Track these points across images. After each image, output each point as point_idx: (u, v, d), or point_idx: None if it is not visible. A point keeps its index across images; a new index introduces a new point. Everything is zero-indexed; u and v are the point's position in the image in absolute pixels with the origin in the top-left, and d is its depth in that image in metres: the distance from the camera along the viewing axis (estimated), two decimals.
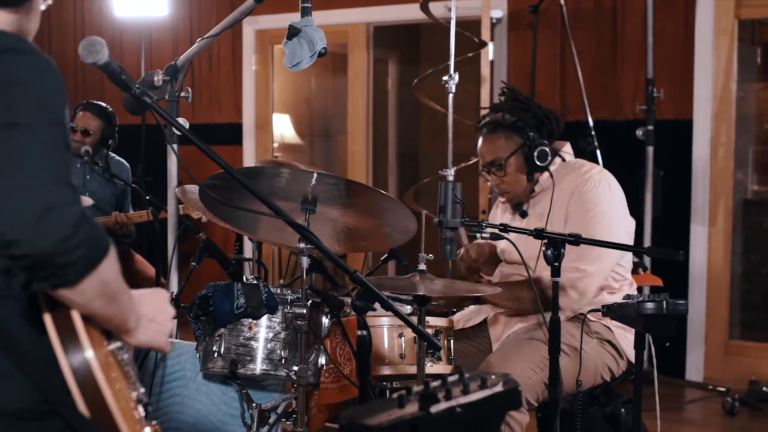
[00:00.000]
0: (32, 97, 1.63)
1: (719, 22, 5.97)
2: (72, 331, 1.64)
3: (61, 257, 1.53)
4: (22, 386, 1.69)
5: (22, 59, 1.68)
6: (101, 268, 1.59)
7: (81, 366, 1.63)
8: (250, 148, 7.63)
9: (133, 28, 7.47)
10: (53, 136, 1.62)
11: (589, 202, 3.46)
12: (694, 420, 5.51)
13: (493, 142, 3.66)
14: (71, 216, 1.54)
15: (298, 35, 3.16)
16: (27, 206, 1.52)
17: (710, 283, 6.09)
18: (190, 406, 3.29)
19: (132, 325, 1.79)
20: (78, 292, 1.59)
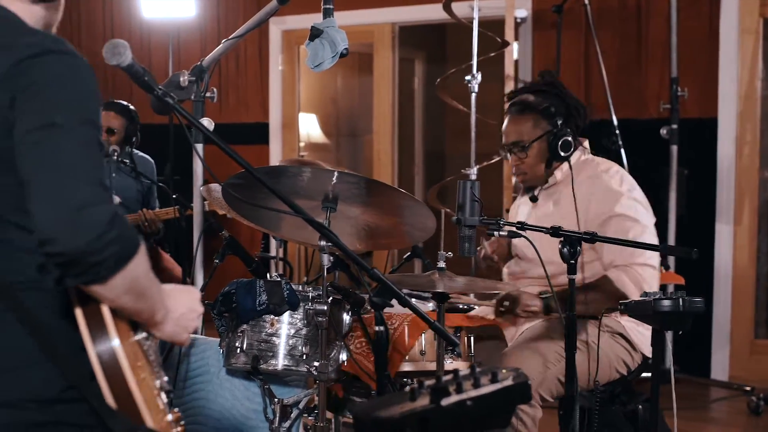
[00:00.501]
0: (69, 98, 1.70)
1: (744, 21, 5.96)
2: (101, 322, 1.70)
3: (93, 255, 1.58)
4: (49, 374, 1.76)
5: (60, 59, 1.74)
6: (131, 265, 1.65)
7: (107, 355, 1.69)
8: (276, 147, 7.69)
9: (161, 29, 7.54)
10: (88, 136, 1.69)
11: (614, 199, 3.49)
12: (719, 419, 5.52)
13: (520, 124, 3.67)
14: (104, 215, 1.60)
15: (320, 36, 3.20)
16: (62, 206, 1.59)
17: (735, 282, 6.08)
18: (213, 401, 3.33)
19: (159, 319, 1.85)
20: (109, 288, 1.65)
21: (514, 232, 2.91)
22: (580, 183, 3.55)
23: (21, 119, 1.68)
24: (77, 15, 8.37)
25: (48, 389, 1.77)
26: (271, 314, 3.00)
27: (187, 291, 1.96)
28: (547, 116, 3.62)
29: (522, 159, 3.66)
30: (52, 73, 1.71)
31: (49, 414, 1.78)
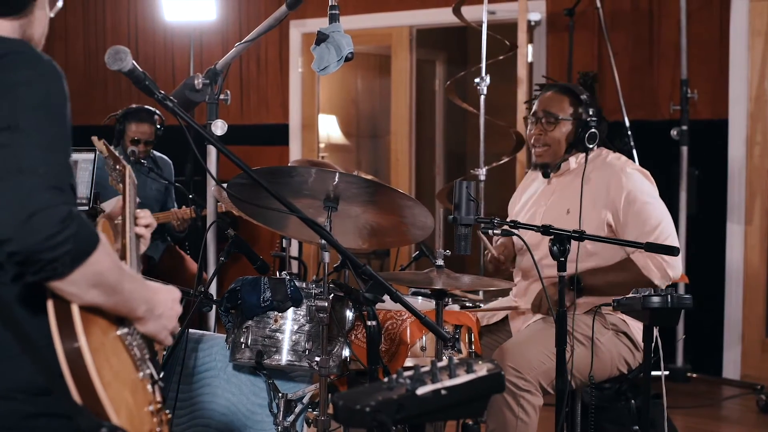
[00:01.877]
0: (33, 100, 1.75)
1: (754, 23, 6.00)
2: (68, 319, 1.75)
3: (47, 253, 1.66)
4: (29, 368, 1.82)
5: (23, 62, 1.79)
6: (91, 260, 1.71)
7: (73, 353, 1.73)
8: (296, 148, 7.79)
9: (183, 32, 7.63)
10: (52, 138, 1.75)
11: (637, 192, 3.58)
12: (730, 417, 5.57)
13: (558, 100, 3.76)
14: (57, 215, 1.67)
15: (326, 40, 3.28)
16: (18, 210, 1.66)
17: (747, 282, 6.12)
18: (220, 395, 3.42)
19: (141, 314, 1.90)
20: (69, 283, 1.71)
21: (508, 231, 3.00)
22: (593, 170, 3.66)
23: None
24: (102, 19, 8.52)
25: (37, 379, 1.82)
26: (275, 311, 3.08)
27: (168, 290, 2.00)
28: (584, 104, 3.71)
29: (549, 131, 3.74)
30: (15, 76, 1.76)
31: (39, 405, 1.84)
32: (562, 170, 3.77)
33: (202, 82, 3.48)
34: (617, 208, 3.56)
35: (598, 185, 3.62)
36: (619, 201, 3.56)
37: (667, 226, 3.56)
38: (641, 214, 3.53)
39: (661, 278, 3.49)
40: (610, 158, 3.72)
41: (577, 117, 3.71)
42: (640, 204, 3.56)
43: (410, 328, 3.25)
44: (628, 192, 3.57)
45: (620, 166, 3.65)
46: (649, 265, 3.49)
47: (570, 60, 6.17)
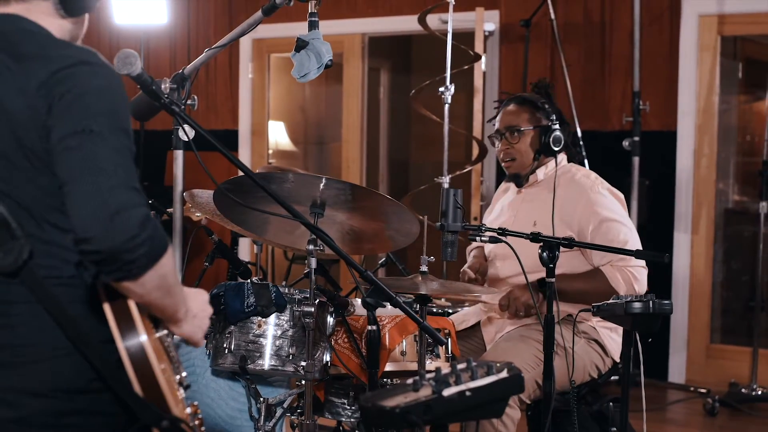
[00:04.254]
0: (103, 107, 1.81)
1: (703, 38, 6.17)
2: (129, 318, 1.81)
3: (127, 254, 1.70)
4: (78, 365, 1.86)
5: (95, 71, 1.85)
6: (161, 263, 1.77)
7: (136, 349, 1.80)
8: (245, 154, 7.77)
9: (132, 35, 7.53)
10: (122, 143, 1.80)
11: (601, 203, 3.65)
12: (676, 420, 5.71)
13: (517, 112, 3.84)
14: (137, 217, 1.72)
15: (306, 48, 3.29)
16: (100, 209, 1.70)
17: (693, 289, 6.28)
18: (199, 401, 3.40)
19: (181, 316, 1.96)
20: (140, 285, 1.76)
21: (496, 238, 3.06)
22: (563, 186, 3.72)
23: (58, 125, 1.79)
24: None
25: (77, 379, 1.87)
26: (259, 316, 3.09)
27: (199, 293, 2.07)
28: (543, 111, 3.80)
29: (513, 144, 3.81)
30: (87, 84, 1.82)
31: (77, 403, 1.88)
32: (531, 182, 3.85)
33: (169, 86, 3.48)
34: (582, 227, 3.62)
35: (566, 202, 3.68)
36: (585, 220, 3.62)
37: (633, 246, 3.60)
38: (608, 233, 3.58)
39: (626, 291, 3.54)
40: (580, 176, 3.78)
41: (538, 124, 3.79)
42: (607, 223, 3.62)
43: (389, 333, 3.27)
44: (595, 212, 3.63)
45: (590, 186, 3.71)
46: (617, 277, 3.55)
47: (525, 70, 6.27)
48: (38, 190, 1.85)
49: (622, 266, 3.56)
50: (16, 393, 1.86)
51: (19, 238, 1.82)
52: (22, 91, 1.82)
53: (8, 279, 1.85)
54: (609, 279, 3.55)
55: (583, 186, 3.71)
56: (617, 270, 3.56)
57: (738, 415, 5.60)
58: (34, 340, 1.87)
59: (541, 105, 3.82)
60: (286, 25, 6.87)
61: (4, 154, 1.84)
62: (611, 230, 3.60)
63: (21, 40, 1.90)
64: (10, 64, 1.84)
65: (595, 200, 3.65)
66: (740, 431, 5.43)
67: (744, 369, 5.97)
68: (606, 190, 3.72)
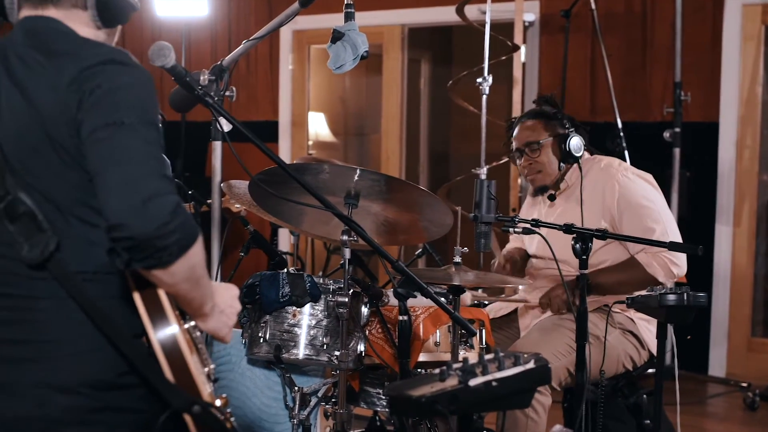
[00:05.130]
0: (133, 101, 1.84)
1: (746, 28, 6.09)
2: (160, 309, 1.83)
3: (159, 240, 1.72)
4: (107, 358, 1.89)
5: (125, 69, 1.89)
6: (191, 252, 1.78)
7: (168, 339, 1.82)
8: (285, 145, 7.81)
9: (173, 28, 7.60)
10: (152, 136, 1.83)
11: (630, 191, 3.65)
12: (716, 413, 5.66)
13: (532, 127, 3.84)
14: (169, 204, 1.74)
15: (342, 39, 3.30)
16: (132, 195, 1.73)
17: (734, 282, 6.22)
18: (235, 389, 3.45)
19: (207, 310, 1.97)
20: (170, 274, 1.78)
21: (529, 229, 3.05)
22: (590, 178, 3.71)
23: (88, 119, 1.82)
24: None
25: (105, 374, 1.89)
26: (294, 305, 3.12)
27: (228, 288, 2.08)
28: (557, 121, 3.80)
29: (535, 158, 3.80)
30: (118, 80, 1.86)
31: (104, 399, 1.90)
32: (562, 189, 3.85)
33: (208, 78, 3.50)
34: (613, 215, 3.63)
35: (594, 194, 3.68)
36: (613, 207, 3.63)
37: (666, 228, 3.61)
38: (636, 218, 3.59)
39: (665, 276, 3.56)
40: (604, 165, 3.79)
41: (554, 134, 3.79)
42: (635, 208, 3.62)
43: (423, 324, 3.28)
44: (621, 196, 3.64)
45: (614, 172, 3.72)
46: (653, 263, 3.56)
47: (565, 61, 6.24)
48: (66, 185, 1.88)
49: (657, 252, 3.54)
50: (43, 388, 1.88)
51: (45, 230, 1.85)
52: (53, 87, 1.85)
53: (34, 274, 1.88)
54: (646, 266, 3.55)
55: (608, 174, 3.73)
56: (652, 257, 3.56)
57: None
58: (59, 336, 1.89)
59: (553, 115, 3.82)
60: (327, 17, 6.87)
61: (34, 148, 1.87)
62: (639, 214, 3.61)
63: (53, 39, 1.93)
64: (42, 61, 1.88)
65: (620, 186, 3.67)
66: None
67: None
68: (632, 174, 3.73)
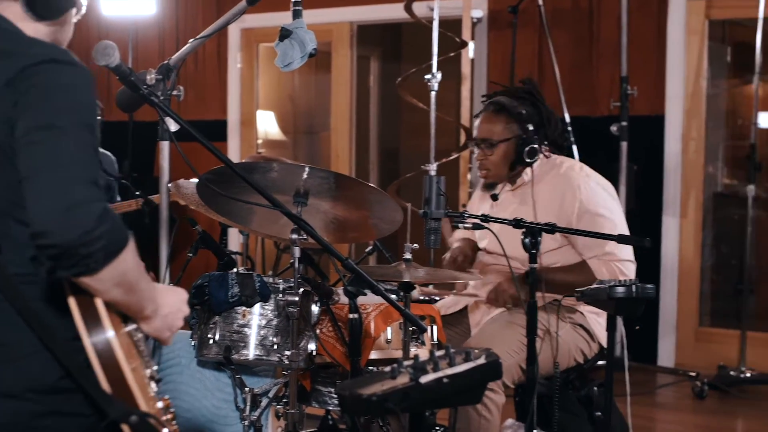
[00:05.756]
0: (70, 104, 1.80)
1: (690, 22, 6.17)
2: (95, 314, 1.78)
3: (84, 248, 1.69)
4: (46, 363, 1.84)
5: (65, 69, 1.84)
6: (120, 259, 1.75)
7: (103, 345, 1.78)
8: (235, 144, 7.76)
9: (120, 27, 7.53)
10: (85, 140, 1.79)
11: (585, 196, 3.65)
12: (665, 403, 5.75)
13: (492, 123, 3.79)
14: (95, 211, 1.70)
15: (290, 37, 3.28)
16: (57, 202, 1.70)
17: (681, 274, 6.29)
18: (185, 392, 3.42)
19: (148, 313, 1.93)
20: (98, 280, 1.74)
21: (479, 225, 3.06)
22: (549, 181, 3.72)
23: (22, 119, 1.78)
24: None
25: (45, 378, 1.85)
26: (243, 306, 3.09)
27: (176, 291, 2.04)
28: (519, 121, 3.74)
29: (487, 156, 3.79)
30: (56, 80, 1.81)
31: (47, 404, 1.86)
32: (518, 184, 3.84)
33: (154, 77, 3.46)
34: (570, 222, 3.62)
35: (553, 197, 3.68)
36: (572, 215, 3.63)
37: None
38: (593, 227, 3.56)
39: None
40: (565, 169, 3.77)
41: (514, 135, 3.75)
42: (592, 216, 3.62)
43: (374, 321, 3.27)
44: (581, 204, 3.63)
45: (575, 177, 3.71)
46: (603, 271, 3.56)
47: (513, 57, 6.26)
48: (3, 185, 1.84)
49: (609, 260, 3.56)
50: None
51: None
52: None
53: None
54: (595, 272, 3.56)
55: (569, 179, 3.71)
56: (603, 264, 3.57)
57: (727, 398, 5.62)
58: (3, 340, 1.86)
59: (516, 114, 3.75)
60: (275, 15, 6.83)
61: None
62: (595, 224, 3.58)
63: None
64: None
65: (581, 193, 3.65)
66: (729, 414, 5.46)
67: (732, 352, 5.99)
68: (594, 183, 3.71)
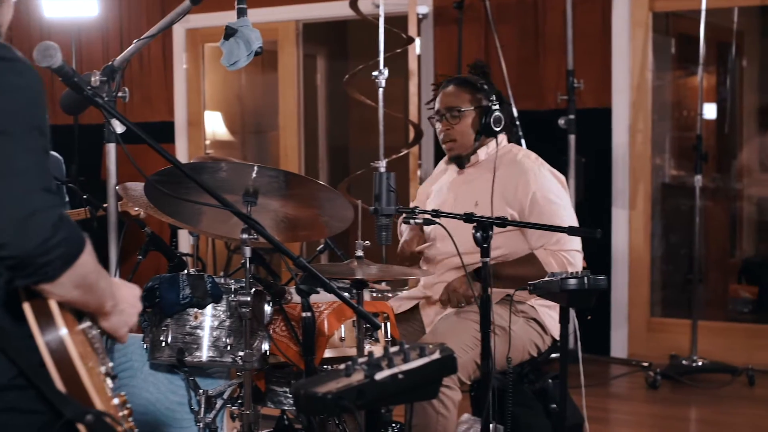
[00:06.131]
0: (17, 106, 1.75)
1: (635, 15, 6.23)
2: (48, 313, 1.76)
3: (42, 257, 1.66)
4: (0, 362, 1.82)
5: (8, 67, 1.78)
6: (78, 263, 1.73)
7: (56, 344, 1.76)
8: (182, 145, 7.71)
9: (63, 29, 7.44)
10: (36, 143, 1.75)
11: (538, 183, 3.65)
12: (619, 393, 5.80)
13: (457, 93, 3.81)
14: (51, 219, 1.68)
15: (235, 35, 3.25)
16: (12, 212, 1.66)
17: (632, 264, 6.35)
18: (138, 395, 3.38)
19: (108, 309, 1.91)
20: (57, 286, 1.72)
21: (430, 220, 3.05)
22: (504, 166, 3.72)
23: None
24: None
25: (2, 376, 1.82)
26: (195, 307, 3.06)
27: (131, 287, 2.02)
28: (483, 92, 3.77)
29: (454, 125, 3.79)
30: (1, 81, 1.76)
31: (4, 401, 1.83)
32: (471, 162, 3.84)
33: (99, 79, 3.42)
34: (523, 207, 3.63)
35: (507, 182, 3.68)
36: (525, 200, 3.63)
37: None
38: (545, 214, 3.59)
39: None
40: (521, 156, 3.78)
41: (478, 105, 3.77)
42: (545, 204, 3.62)
43: (327, 319, 3.26)
44: (534, 191, 3.63)
45: (530, 166, 3.71)
46: (551, 262, 3.58)
47: (459, 52, 6.28)
48: None
49: (557, 250, 3.58)
50: None
51: None
52: None
53: None
54: (543, 264, 3.57)
55: (524, 166, 3.71)
56: (551, 255, 3.59)
57: (679, 387, 5.68)
58: None
59: (480, 86, 3.79)
60: (220, 14, 6.79)
61: None
62: (547, 211, 3.61)
63: None
64: None
65: (534, 180, 3.66)
66: (682, 403, 5.51)
67: (684, 341, 6.05)
68: (547, 171, 3.73)
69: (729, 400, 5.48)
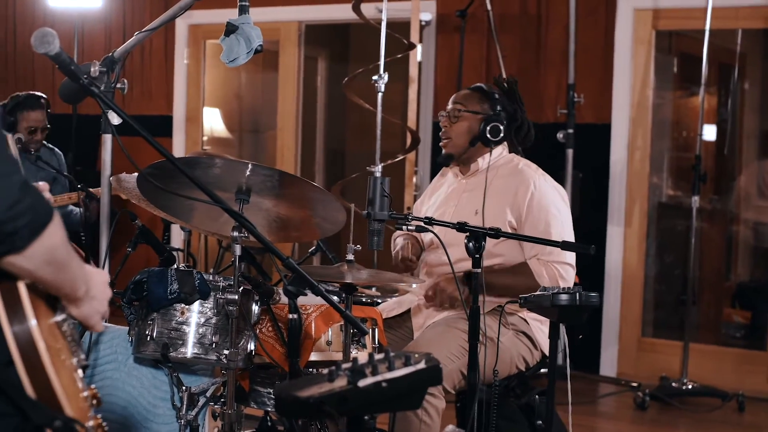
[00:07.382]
0: None
1: (638, 32, 6.22)
2: (17, 302, 1.70)
3: (7, 224, 1.60)
4: None
5: None
6: (47, 233, 1.67)
7: (24, 335, 1.69)
8: (180, 140, 7.69)
9: (66, 19, 7.45)
10: None
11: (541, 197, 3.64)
12: (607, 413, 5.76)
13: (468, 95, 3.83)
14: (16, 183, 1.62)
15: (236, 32, 3.25)
16: None
17: (625, 283, 6.32)
18: (121, 389, 3.36)
19: (81, 294, 1.85)
20: (27, 258, 1.66)
21: (422, 227, 3.03)
22: (504, 173, 3.72)
23: None
24: None
25: None
26: (182, 303, 3.04)
27: (100, 273, 1.97)
28: (493, 103, 3.76)
29: (452, 124, 3.79)
30: None
31: None
32: (472, 170, 3.83)
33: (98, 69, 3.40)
34: (521, 213, 3.61)
35: (507, 189, 3.67)
36: (523, 206, 3.61)
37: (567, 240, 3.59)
38: (541, 222, 3.57)
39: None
40: (522, 165, 3.77)
41: (483, 112, 3.76)
42: (542, 212, 3.61)
43: (315, 322, 3.24)
44: (533, 199, 3.62)
45: (532, 174, 3.71)
46: (543, 273, 3.55)
47: (460, 60, 6.26)
48: None
49: (549, 261, 3.56)
50: None
51: None
52: None
53: None
54: (535, 274, 3.55)
55: (525, 175, 3.70)
56: (543, 265, 3.56)
57: (668, 409, 5.65)
58: None
59: (491, 95, 3.78)
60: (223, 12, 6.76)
61: None
62: (543, 217, 3.60)
63: None
64: None
65: (534, 186, 3.65)
66: (670, 425, 5.48)
67: (675, 363, 6.03)
68: (548, 181, 3.73)
69: (718, 426, 5.43)
